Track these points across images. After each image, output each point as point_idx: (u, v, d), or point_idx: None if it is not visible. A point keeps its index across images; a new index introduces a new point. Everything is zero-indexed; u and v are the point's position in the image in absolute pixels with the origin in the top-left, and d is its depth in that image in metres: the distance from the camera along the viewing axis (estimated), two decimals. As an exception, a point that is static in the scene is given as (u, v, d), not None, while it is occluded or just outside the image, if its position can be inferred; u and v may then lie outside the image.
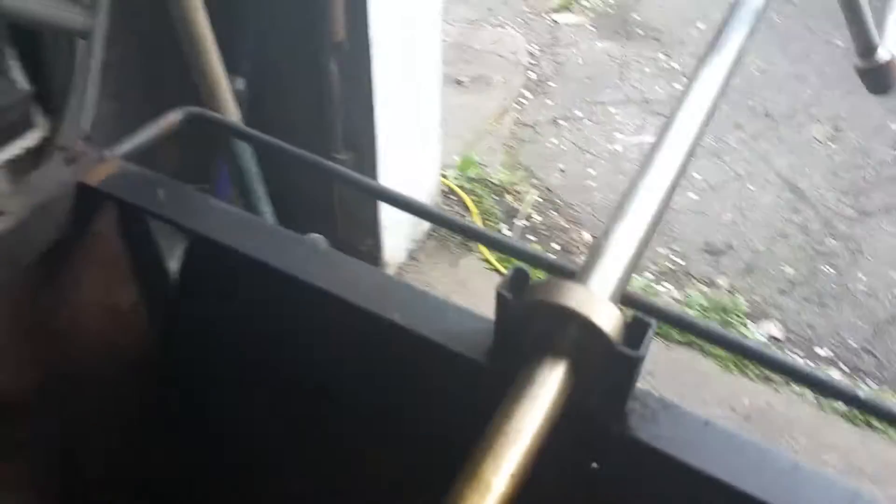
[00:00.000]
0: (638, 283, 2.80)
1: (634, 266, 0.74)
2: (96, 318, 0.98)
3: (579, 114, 3.62)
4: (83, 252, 0.92)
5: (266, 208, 1.90)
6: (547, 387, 0.61)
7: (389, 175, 2.28)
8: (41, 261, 0.86)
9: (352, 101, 2.07)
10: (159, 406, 1.08)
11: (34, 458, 0.95)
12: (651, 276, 2.89)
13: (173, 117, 1.00)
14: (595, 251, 0.73)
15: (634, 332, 0.64)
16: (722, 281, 2.94)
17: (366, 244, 2.33)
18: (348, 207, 2.30)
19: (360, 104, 2.08)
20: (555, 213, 3.09)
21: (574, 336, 0.63)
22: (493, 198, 3.07)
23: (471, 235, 0.98)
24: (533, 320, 0.65)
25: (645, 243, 0.77)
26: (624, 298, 0.80)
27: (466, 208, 2.97)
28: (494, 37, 4.02)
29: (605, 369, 0.64)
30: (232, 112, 1.74)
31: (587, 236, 3.02)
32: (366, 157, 2.18)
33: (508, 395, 0.61)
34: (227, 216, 0.87)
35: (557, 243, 2.95)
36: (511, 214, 3.03)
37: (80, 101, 1.58)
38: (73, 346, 0.97)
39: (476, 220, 2.93)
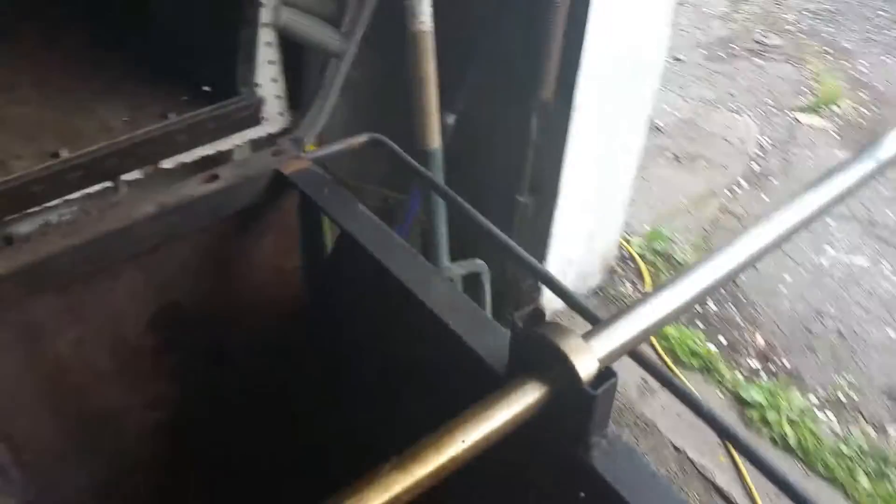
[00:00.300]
0: (797, 403, 2.74)
1: (642, 338, 0.90)
2: (266, 271, 1.31)
3: (793, 216, 3.55)
4: (266, 220, 1.25)
5: (443, 227, 2.20)
6: (522, 398, 0.80)
7: (565, 224, 2.48)
8: (236, 218, 1.20)
9: (545, 153, 2.30)
10: (301, 344, 1.39)
11: (192, 359, 1.29)
12: (815, 401, 2.80)
13: (359, 139, 1.31)
14: (617, 315, 0.90)
15: (602, 378, 0.80)
16: (893, 430, 2.77)
17: (527, 283, 2.55)
18: (523, 245, 2.54)
19: (551, 157, 2.31)
20: (733, 308, 3.09)
21: (557, 369, 0.81)
22: (671, 274, 3.14)
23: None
24: (534, 348, 0.84)
25: (660, 325, 0.92)
26: (636, 357, 0.97)
27: (640, 277, 3.08)
28: (727, 121, 4.07)
29: (574, 402, 0.82)
30: (435, 141, 2.05)
31: (760, 340, 2.99)
32: (546, 203, 2.40)
33: (491, 395, 0.81)
34: (365, 219, 1.15)
35: (725, 338, 2.96)
36: (685, 296, 3.08)
37: (320, 106, 1.99)
38: (246, 286, 1.31)
39: (645, 281, 3.03)
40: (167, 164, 1.66)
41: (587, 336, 0.85)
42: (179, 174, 1.43)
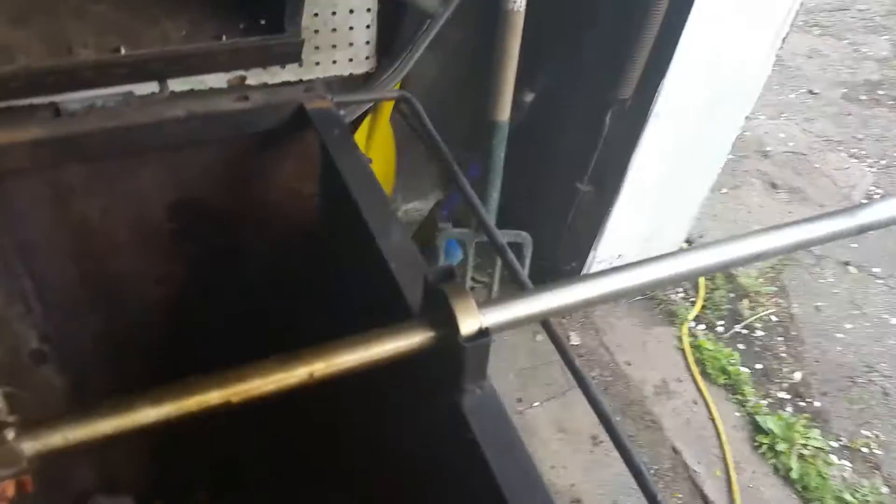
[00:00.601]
0: (814, 443, 2.54)
1: (534, 319, 0.88)
2: (283, 191, 1.35)
3: (878, 271, 3.23)
4: (288, 146, 1.29)
5: (494, 194, 2.18)
6: (408, 337, 0.81)
7: (622, 220, 2.38)
8: (260, 138, 1.25)
9: (614, 148, 2.21)
10: (311, 270, 1.44)
11: (204, 253, 1.36)
12: (835, 445, 2.58)
13: (390, 94, 1.33)
14: (518, 294, 0.89)
15: (479, 336, 0.79)
16: (908, 495, 2.53)
17: (570, 265, 2.49)
18: (575, 234, 2.48)
19: (619, 153, 2.21)
20: (780, 340, 2.88)
21: (444, 321, 0.81)
22: (728, 294, 2.96)
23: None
24: (436, 300, 0.84)
25: (555, 313, 0.90)
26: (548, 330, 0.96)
27: (696, 288, 2.93)
28: (842, 164, 3.70)
29: (451, 351, 0.81)
30: (503, 115, 2.03)
31: (798, 377, 2.78)
32: (606, 196, 2.31)
33: (384, 328, 0.82)
34: (359, 165, 1.16)
35: (762, 363, 2.77)
36: (735, 317, 2.90)
37: (404, 59, 2.01)
38: (263, 200, 1.35)
39: (697, 303, 2.88)
40: (252, 80, 1.75)
41: (483, 304, 0.85)
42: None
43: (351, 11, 1.88)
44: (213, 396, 0.78)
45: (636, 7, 1.90)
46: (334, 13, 1.86)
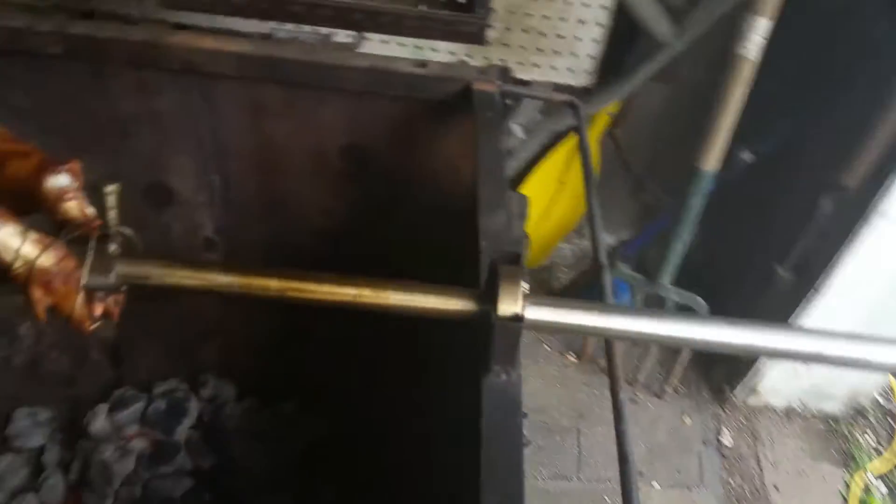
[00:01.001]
0: None
1: (573, 329, 0.88)
2: (444, 163, 1.42)
3: None
4: (454, 123, 1.37)
5: (678, 247, 2.08)
6: (448, 300, 0.87)
7: (820, 321, 2.16)
8: (430, 105, 1.34)
9: (825, 238, 2.01)
10: (456, 235, 1.51)
11: (367, 199, 1.49)
12: None
13: (560, 96, 1.37)
14: (570, 301, 0.90)
15: (513, 320, 0.83)
16: None
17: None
18: (762, 319, 2.29)
19: (830, 246, 1.98)
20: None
21: (489, 297, 0.85)
22: (933, 456, 2.53)
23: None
24: (492, 278, 0.88)
25: (599, 333, 0.90)
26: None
27: (889, 430, 2.53)
28: None
29: (485, 326, 0.86)
30: (708, 164, 1.93)
31: None
32: (805, 289, 2.10)
33: (436, 285, 0.89)
34: (495, 151, 1.19)
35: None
36: (921, 483, 2.47)
37: (619, 84, 2.03)
38: (427, 169, 1.45)
39: (887, 456, 2.49)
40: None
41: (531, 296, 0.87)
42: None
43: (581, 22, 1.95)
44: (273, 285, 0.91)
45: (885, 85, 1.73)
46: (563, 19, 1.94)
